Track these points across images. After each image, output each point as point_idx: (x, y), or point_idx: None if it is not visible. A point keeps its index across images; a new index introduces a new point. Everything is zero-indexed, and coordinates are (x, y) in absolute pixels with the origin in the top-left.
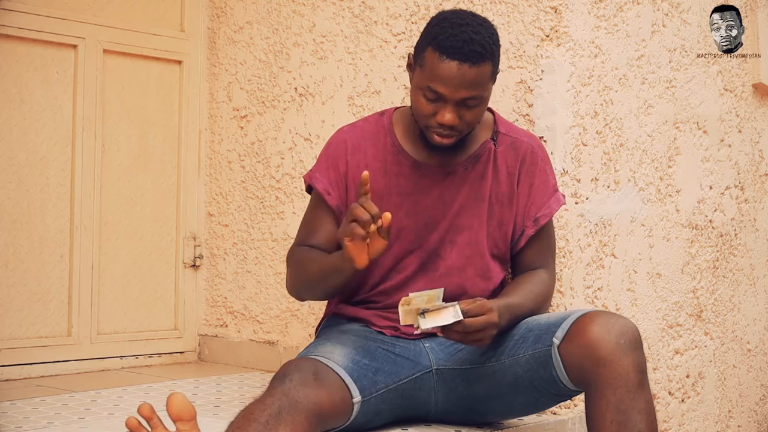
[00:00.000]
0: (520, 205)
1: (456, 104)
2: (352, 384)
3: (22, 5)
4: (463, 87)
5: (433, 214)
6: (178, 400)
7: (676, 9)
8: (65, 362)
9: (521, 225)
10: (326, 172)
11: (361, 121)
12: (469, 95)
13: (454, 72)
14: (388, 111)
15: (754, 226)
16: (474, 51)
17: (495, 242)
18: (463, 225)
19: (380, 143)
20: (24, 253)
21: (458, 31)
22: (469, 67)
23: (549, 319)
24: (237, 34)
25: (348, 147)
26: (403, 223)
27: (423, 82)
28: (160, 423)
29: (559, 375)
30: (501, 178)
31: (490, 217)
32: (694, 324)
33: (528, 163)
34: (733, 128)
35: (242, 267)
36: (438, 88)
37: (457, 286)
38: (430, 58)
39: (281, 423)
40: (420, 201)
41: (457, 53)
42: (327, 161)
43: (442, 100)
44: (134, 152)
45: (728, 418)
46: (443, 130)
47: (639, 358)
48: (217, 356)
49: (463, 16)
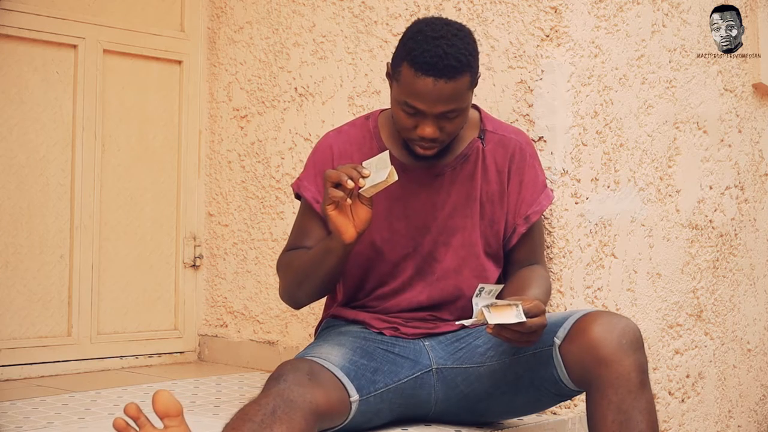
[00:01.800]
0: (511, 203)
1: (435, 117)
2: (349, 383)
3: (22, 5)
4: (441, 102)
5: (425, 217)
6: (163, 397)
7: (676, 9)
8: (65, 362)
9: (512, 223)
10: (314, 179)
11: (347, 125)
12: (448, 109)
13: (430, 88)
14: (374, 114)
15: (754, 226)
16: (449, 66)
17: (487, 241)
18: (456, 226)
19: (366, 147)
20: (24, 253)
21: (432, 45)
22: (446, 83)
23: (550, 319)
24: (237, 34)
25: (334, 153)
26: (395, 227)
27: (401, 97)
28: (147, 422)
29: (560, 375)
30: (491, 177)
31: (482, 217)
32: (694, 324)
33: (517, 160)
34: (733, 128)
35: (242, 267)
36: (416, 104)
37: (455, 288)
38: (406, 74)
39: (276, 421)
40: (410, 204)
41: (432, 69)
42: (314, 168)
43: (421, 114)
44: (134, 152)
45: (728, 418)
46: (425, 142)
47: (641, 358)
48: (217, 356)
49: (438, 28)
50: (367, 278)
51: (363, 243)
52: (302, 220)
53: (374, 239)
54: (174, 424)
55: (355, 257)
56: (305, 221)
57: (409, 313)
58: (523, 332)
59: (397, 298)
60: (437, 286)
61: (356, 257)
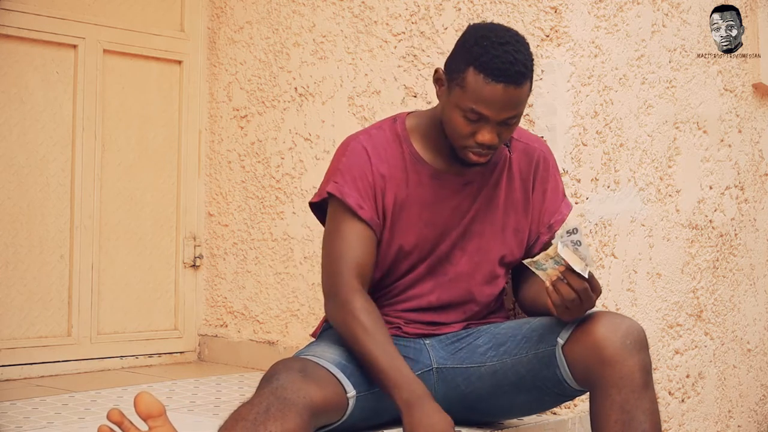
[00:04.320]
0: (535, 211)
1: (497, 124)
2: (345, 379)
3: (22, 5)
4: (508, 108)
5: (450, 223)
6: (144, 399)
7: (676, 9)
8: (65, 362)
9: (536, 231)
10: (353, 183)
11: (374, 128)
12: (511, 115)
13: (500, 95)
14: (400, 117)
15: (754, 226)
16: (519, 72)
17: (510, 249)
18: (475, 232)
19: (397, 151)
20: (24, 253)
21: (501, 51)
22: (515, 89)
23: (552, 319)
24: (237, 34)
25: (370, 155)
26: (422, 233)
27: (464, 104)
28: (131, 425)
29: (563, 375)
30: (515, 185)
31: (504, 224)
32: (694, 324)
33: (541, 169)
34: (733, 128)
35: (242, 267)
36: (482, 110)
37: (465, 291)
38: (473, 80)
39: (270, 419)
40: (439, 211)
41: (503, 76)
42: (350, 172)
43: (484, 120)
44: (134, 152)
45: (728, 418)
46: (482, 149)
47: (645, 358)
48: (217, 356)
49: (502, 34)
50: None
51: (391, 247)
52: (345, 228)
53: (402, 244)
54: (158, 424)
55: (380, 261)
56: (349, 229)
57: (415, 314)
58: (573, 295)
59: (403, 296)
60: (448, 287)
61: (380, 262)
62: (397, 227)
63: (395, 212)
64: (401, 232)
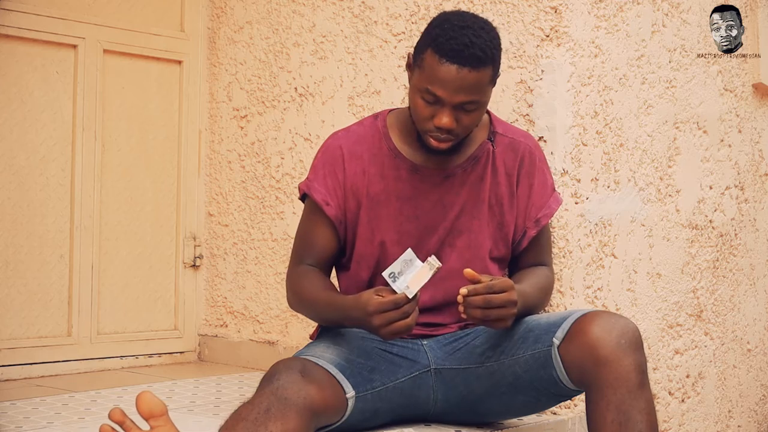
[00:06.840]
0: (521, 206)
1: (454, 108)
2: (344, 380)
3: (22, 5)
4: (462, 91)
5: (434, 218)
6: (146, 398)
7: (676, 9)
8: (65, 362)
9: (522, 226)
10: (323, 180)
11: (355, 125)
12: (468, 99)
13: (453, 75)
14: (382, 114)
15: (754, 226)
16: (474, 55)
17: (496, 244)
18: (463, 228)
19: (376, 147)
20: (24, 253)
21: (459, 33)
22: (469, 72)
23: (549, 319)
24: (237, 34)
25: (344, 153)
26: (404, 228)
27: (421, 84)
28: (133, 425)
29: (559, 375)
30: (500, 180)
31: (491, 219)
32: (694, 324)
33: (527, 163)
34: (733, 128)
35: (242, 267)
36: (436, 91)
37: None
38: (429, 60)
39: (270, 419)
40: (420, 205)
41: (457, 57)
42: (323, 169)
43: (440, 103)
44: (134, 152)
45: (728, 418)
46: (440, 133)
47: (640, 358)
48: (217, 356)
49: (465, 18)
50: (373, 279)
51: (373, 244)
52: (309, 224)
53: (384, 240)
54: (159, 423)
55: (364, 259)
56: (312, 226)
57: None
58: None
59: None
60: (441, 287)
61: (365, 259)
62: (377, 222)
63: (371, 207)
64: (382, 227)
